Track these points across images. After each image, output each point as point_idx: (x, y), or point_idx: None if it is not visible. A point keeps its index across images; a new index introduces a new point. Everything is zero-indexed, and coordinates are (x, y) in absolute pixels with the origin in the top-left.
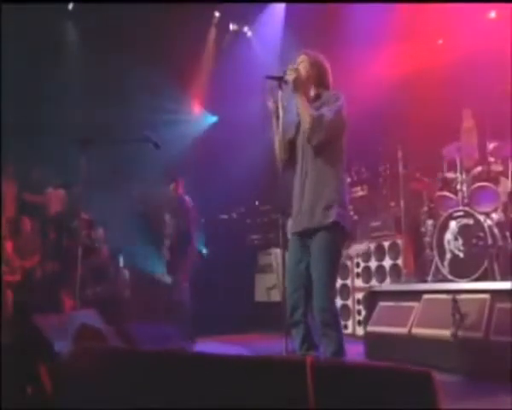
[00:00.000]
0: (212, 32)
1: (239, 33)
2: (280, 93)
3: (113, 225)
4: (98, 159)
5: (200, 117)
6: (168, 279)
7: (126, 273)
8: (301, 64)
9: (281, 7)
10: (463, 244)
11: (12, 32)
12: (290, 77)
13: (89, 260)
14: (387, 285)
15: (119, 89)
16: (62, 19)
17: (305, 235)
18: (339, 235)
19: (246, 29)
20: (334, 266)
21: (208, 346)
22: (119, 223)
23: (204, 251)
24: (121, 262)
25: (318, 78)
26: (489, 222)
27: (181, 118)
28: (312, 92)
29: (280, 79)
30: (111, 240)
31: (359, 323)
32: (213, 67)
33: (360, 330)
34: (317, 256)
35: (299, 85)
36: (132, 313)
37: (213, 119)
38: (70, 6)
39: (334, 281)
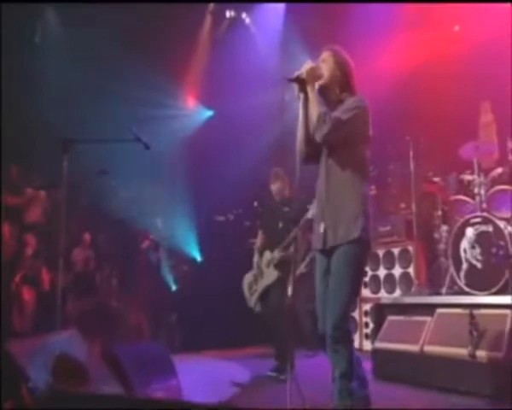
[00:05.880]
0: (208, 20)
1: (236, 20)
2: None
3: None
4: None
5: (194, 111)
6: None
7: (114, 282)
8: (325, 63)
9: None
10: (481, 253)
11: None
12: (303, 68)
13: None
14: (397, 297)
15: (108, 83)
16: (45, 9)
17: (330, 251)
18: (362, 250)
19: (244, 15)
20: (356, 284)
21: (203, 364)
22: None
23: (198, 256)
24: None
25: (343, 80)
26: (510, 229)
27: (174, 113)
28: (336, 97)
29: (297, 79)
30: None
31: (366, 336)
32: (209, 58)
33: (367, 345)
34: (337, 272)
35: (310, 78)
36: None
37: (209, 113)
38: None
39: (352, 300)
